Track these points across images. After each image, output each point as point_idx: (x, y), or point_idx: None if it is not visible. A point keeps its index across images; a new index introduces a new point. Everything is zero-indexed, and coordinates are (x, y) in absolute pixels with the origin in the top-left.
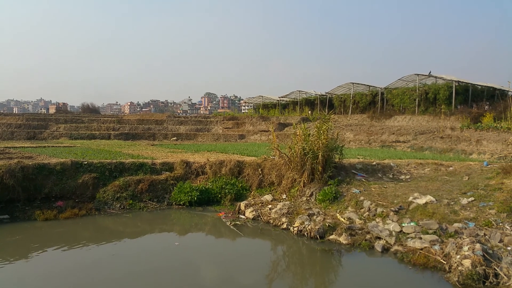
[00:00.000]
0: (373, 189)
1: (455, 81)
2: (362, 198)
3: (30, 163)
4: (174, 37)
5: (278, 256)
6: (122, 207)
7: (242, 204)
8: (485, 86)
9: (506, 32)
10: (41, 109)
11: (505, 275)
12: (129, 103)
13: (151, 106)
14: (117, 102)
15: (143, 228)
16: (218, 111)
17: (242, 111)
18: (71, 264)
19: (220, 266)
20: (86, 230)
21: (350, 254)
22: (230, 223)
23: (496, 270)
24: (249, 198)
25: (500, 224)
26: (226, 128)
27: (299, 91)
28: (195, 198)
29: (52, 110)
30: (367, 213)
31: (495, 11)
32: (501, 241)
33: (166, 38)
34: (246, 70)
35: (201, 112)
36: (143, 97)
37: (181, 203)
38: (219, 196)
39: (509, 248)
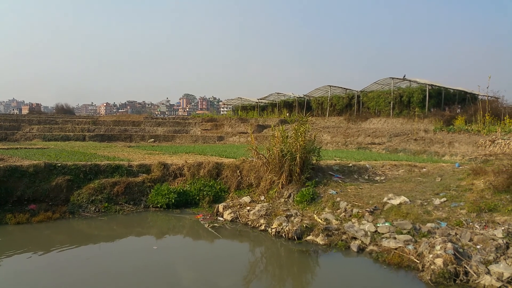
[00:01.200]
0: (349, 190)
1: (428, 84)
2: (338, 199)
3: (1, 165)
4: (152, 37)
5: (256, 257)
6: (97, 210)
7: (221, 206)
8: (457, 90)
9: (476, 38)
10: (13, 109)
11: (474, 272)
12: (105, 104)
13: (128, 107)
14: (92, 102)
15: (119, 231)
16: (197, 112)
17: (221, 112)
18: (41, 269)
19: (199, 269)
20: (60, 234)
21: (326, 254)
22: (208, 225)
23: (466, 268)
24: (228, 200)
25: (470, 223)
26: (205, 129)
27: (278, 93)
28: (173, 201)
29: (25, 111)
30: (343, 213)
31: (466, 17)
32: (471, 240)
33: (144, 38)
34: (225, 72)
35: (180, 113)
36: (119, 97)
37: (159, 205)
38: (197, 198)
39: (478, 246)
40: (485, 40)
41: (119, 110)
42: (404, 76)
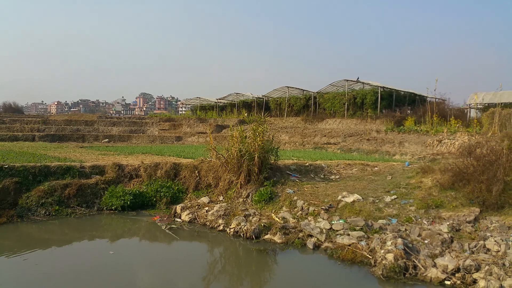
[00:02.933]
0: (306, 189)
1: (380, 87)
2: (295, 198)
3: None
4: (106, 34)
5: (215, 258)
6: (47, 213)
7: (178, 207)
8: (407, 92)
9: (426, 42)
10: None
11: (422, 266)
12: (56, 103)
13: (81, 106)
14: (42, 101)
15: (72, 235)
16: (154, 112)
17: (180, 112)
18: None
19: (156, 272)
20: (6, 239)
21: (284, 252)
22: (166, 227)
23: (415, 262)
24: (186, 201)
25: (419, 219)
26: (163, 129)
27: (237, 93)
28: (128, 202)
29: None
30: (300, 212)
31: (418, 20)
32: (419, 235)
33: (98, 35)
34: (184, 71)
35: (136, 113)
36: (71, 96)
37: (113, 208)
38: (154, 199)
39: (426, 241)
40: (434, 43)
41: (71, 109)
42: (358, 79)
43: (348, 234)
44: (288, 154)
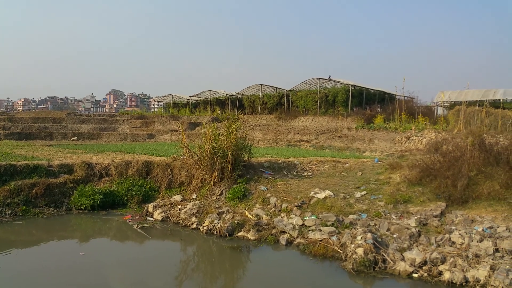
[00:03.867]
0: (279, 186)
1: (351, 85)
2: (269, 195)
3: None
4: (75, 28)
5: (188, 256)
6: (13, 214)
7: (150, 206)
8: (377, 90)
9: (395, 42)
10: None
11: (391, 260)
12: (22, 100)
13: (49, 103)
14: (8, 98)
15: (40, 236)
16: (125, 109)
17: (152, 110)
18: None
19: (128, 272)
20: None
21: (257, 249)
22: (137, 226)
23: (384, 256)
24: (158, 199)
25: (388, 214)
26: (134, 127)
27: (210, 90)
28: (98, 202)
29: None
30: (273, 209)
31: (387, 21)
32: (388, 229)
33: (66, 29)
34: (156, 67)
35: (106, 110)
36: (39, 93)
37: (83, 207)
38: (125, 198)
39: (395, 235)
40: (402, 43)
41: (39, 107)
42: (329, 77)
43: (320, 230)
44: (261, 151)
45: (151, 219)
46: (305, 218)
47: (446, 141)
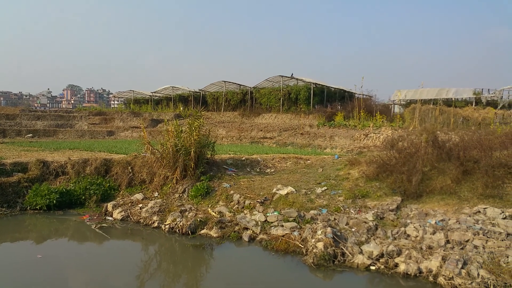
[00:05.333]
0: (242, 182)
1: (313, 83)
2: (232, 191)
3: None
4: (29, 20)
5: (150, 255)
6: None
7: (110, 205)
8: (338, 88)
9: (354, 41)
10: None
11: (350, 253)
12: None
13: (1, 98)
14: None
15: None
16: (84, 105)
17: (112, 106)
18: None
19: (89, 273)
20: None
21: (220, 246)
22: (96, 226)
23: (343, 249)
24: (118, 198)
25: (347, 209)
26: (93, 124)
27: (173, 87)
28: (55, 201)
29: None
30: (236, 205)
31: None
32: (347, 224)
33: (20, 21)
34: (116, 62)
35: (63, 106)
36: None
37: (38, 207)
38: (83, 197)
39: (353, 229)
40: (361, 43)
41: None
42: (292, 75)
43: (282, 226)
44: (225, 148)
45: (110, 218)
46: (268, 214)
47: (402, 138)
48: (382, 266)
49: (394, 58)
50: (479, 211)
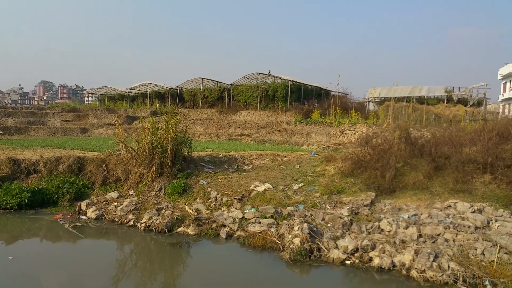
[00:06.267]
0: (219, 180)
1: (290, 80)
2: (209, 189)
3: None
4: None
5: (125, 255)
6: None
7: (83, 204)
8: (314, 86)
9: (330, 40)
10: None
11: (325, 248)
12: None
13: None
14: None
15: None
16: (56, 102)
17: (85, 102)
18: None
19: (63, 274)
20: None
21: (197, 244)
22: (69, 225)
23: (319, 244)
24: (92, 197)
25: (323, 205)
26: (66, 121)
27: (149, 83)
28: (26, 200)
29: None
30: (214, 203)
31: (321, 19)
32: (323, 219)
33: None
34: (90, 58)
35: (35, 102)
36: None
37: (8, 206)
38: (56, 196)
39: (329, 225)
40: (337, 41)
41: None
42: (269, 72)
43: (259, 222)
44: (202, 145)
45: (84, 217)
46: (245, 211)
47: (376, 135)
48: (357, 261)
49: (369, 56)
50: (450, 206)
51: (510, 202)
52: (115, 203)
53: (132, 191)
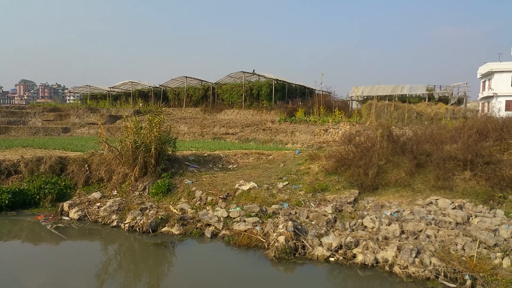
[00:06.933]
0: (204, 179)
1: (274, 79)
2: (194, 188)
3: None
4: None
5: (109, 255)
6: None
7: (66, 204)
8: (298, 85)
9: (313, 38)
10: None
11: (310, 245)
12: None
13: None
14: None
15: None
16: (38, 101)
17: (67, 101)
18: None
19: (45, 276)
20: None
21: (181, 244)
22: (51, 226)
23: (304, 242)
24: (74, 197)
25: (307, 203)
26: (47, 120)
27: (132, 82)
28: (7, 202)
29: None
30: (198, 202)
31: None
32: (307, 217)
33: None
34: (72, 57)
35: (16, 102)
36: None
37: None
38: (38, 197)
39: (313, 222)
40: (321, 40)
41: None
42: (254, 71)
43: (244, 221)
44: (187, 145)
45: (66, 218)
46: (230, 210)
47: (359, 133)
48: (341, 257)
49: (352, 55)
50: (431, 202)
51: (489, 198)
52: (98, 204)
53: (116, 191)
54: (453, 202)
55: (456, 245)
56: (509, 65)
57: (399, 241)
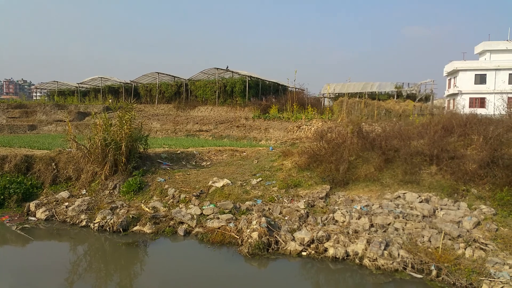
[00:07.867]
0: (177, 176)
1: (248, 76)
2: (167, 186)
3: None
4: None
5: (78, 256)
6: None
7: (32, 204)
8: (272, 81)
9: (287, 36)
10: None
11: (283, 241)
12: None
13: None
14: None
15: None
16: (2, 97)
17: (34, 98)
18: None
19: (10, 278)
20: None
21: (154, 242)
22: (17, 227)
23: (277, 237)
24: (41, 197)
25: (281, 198)
26: (12, 117)
27: (101, 77)
28: None
29: None
30: (171, 200)
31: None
32: (281, 213)
33: None
34: (38, 52)
35: None
36: None
37: None
38: (2, 197)
39: (286, 218)
40: (293, 38)
41: None
42: (227, 67)
43: (218, 218)
44: (159, 142)
45: (33, 219)
46: (204, 207)
47: (331, 130)
48: (313, 252)
49: (324, 53)
50: (399, 196)
51: (453, 192)
52: (66, 203)
53: (85, 190)
54: (420, 196)
55: (423, 237)
56: (473, 63)
57: (368, 234)
